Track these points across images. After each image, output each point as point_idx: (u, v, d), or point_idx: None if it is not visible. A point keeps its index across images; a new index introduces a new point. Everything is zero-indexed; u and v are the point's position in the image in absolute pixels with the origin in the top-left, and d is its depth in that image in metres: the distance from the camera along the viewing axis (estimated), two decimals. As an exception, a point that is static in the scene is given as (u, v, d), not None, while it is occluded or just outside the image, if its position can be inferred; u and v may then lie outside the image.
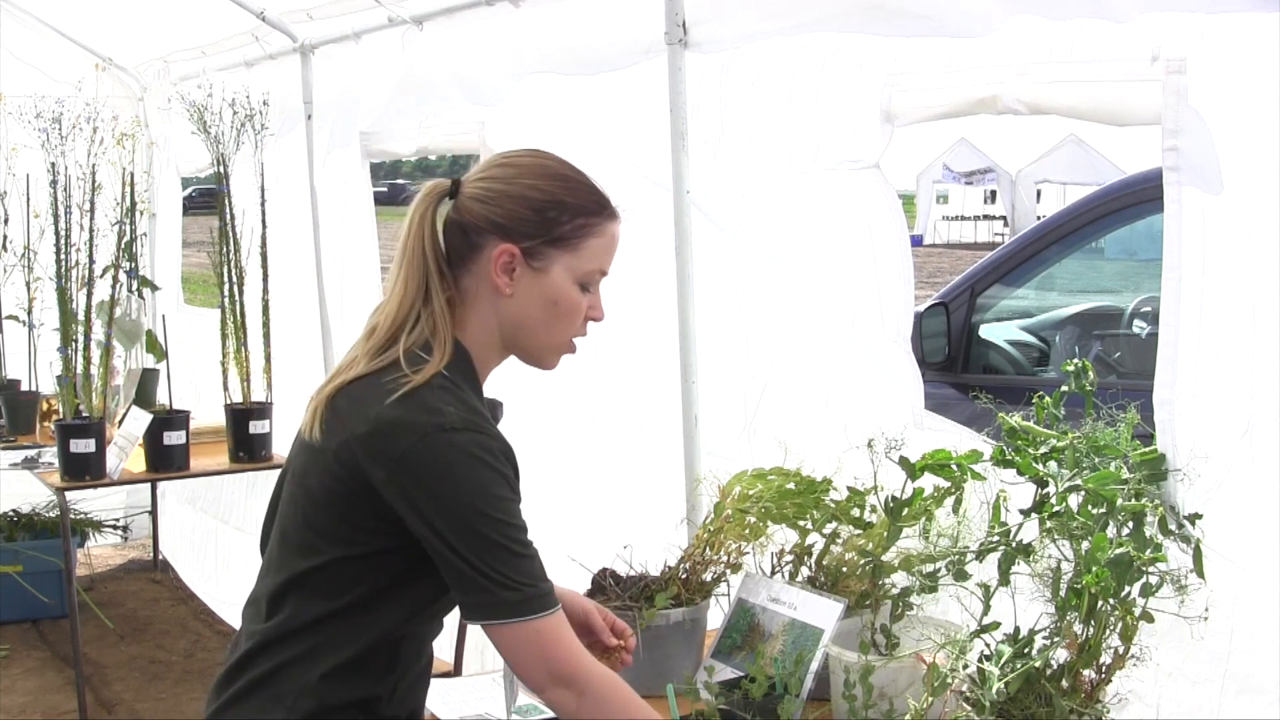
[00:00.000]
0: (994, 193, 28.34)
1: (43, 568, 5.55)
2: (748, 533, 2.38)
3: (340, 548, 1.71)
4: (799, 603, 2.24)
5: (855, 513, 2.33)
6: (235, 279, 4.31)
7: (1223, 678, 2.00)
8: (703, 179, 2.92)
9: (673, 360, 3.00)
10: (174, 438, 4.21)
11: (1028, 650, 1.88)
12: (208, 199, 5.06)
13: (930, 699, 1.89)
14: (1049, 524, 1.96)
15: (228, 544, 5.66)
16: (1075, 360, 2.17)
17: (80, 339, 4.33)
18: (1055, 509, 1.97)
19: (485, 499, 1.65)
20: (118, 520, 6.49)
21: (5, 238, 5.25)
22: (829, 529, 2.36)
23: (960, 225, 29.86)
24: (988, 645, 1.94)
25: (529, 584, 1.66)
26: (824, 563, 2.36)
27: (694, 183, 2.92)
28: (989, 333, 4.64)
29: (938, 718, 1.92)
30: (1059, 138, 21.99)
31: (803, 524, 2.37)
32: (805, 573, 2.38)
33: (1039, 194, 26.05)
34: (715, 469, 2.63)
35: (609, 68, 3.16)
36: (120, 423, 4.33)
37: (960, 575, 2.04)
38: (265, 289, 4.39)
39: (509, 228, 1.76)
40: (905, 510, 2.17)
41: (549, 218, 1.77)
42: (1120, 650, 1.88)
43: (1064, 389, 2.16)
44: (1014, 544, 2.01)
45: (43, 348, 5.04)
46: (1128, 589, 1.85)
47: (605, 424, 3.40)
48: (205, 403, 4.92)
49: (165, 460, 4.22)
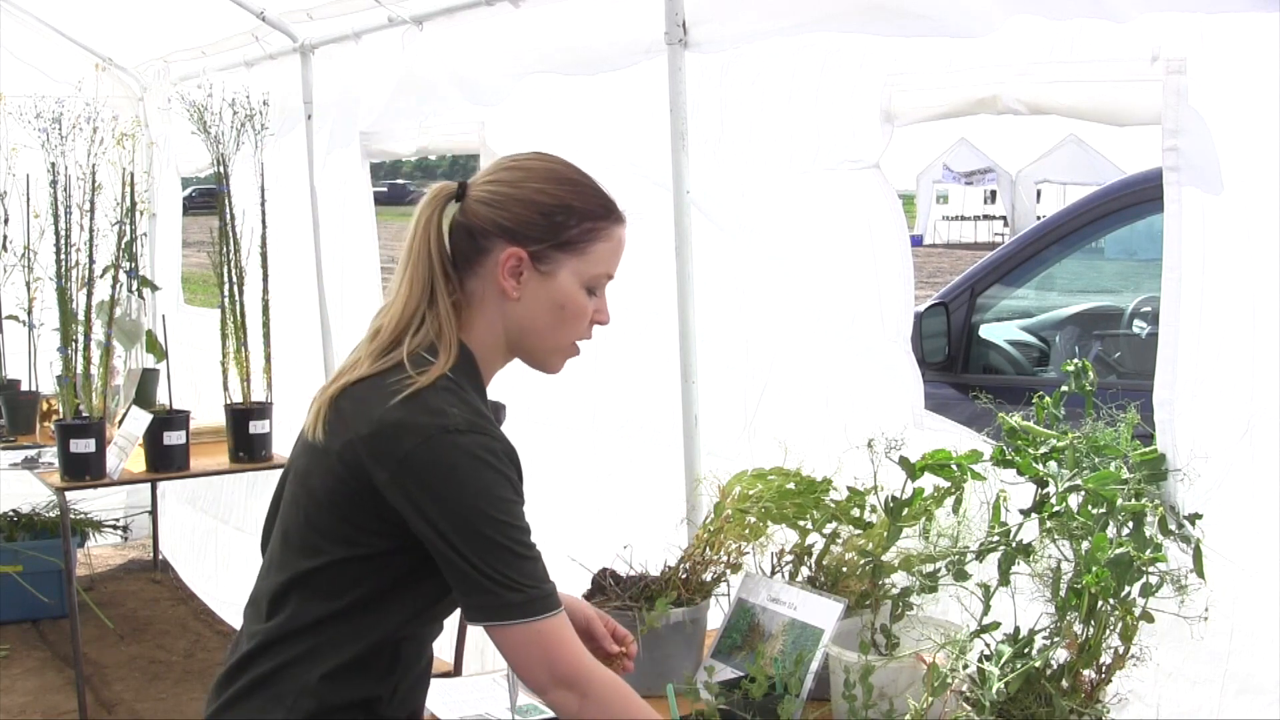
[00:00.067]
0: (994, 193, 28.35)
1: (43, 568, 5.55)
2: (748, 533, 2.38)
3: (342, 548, 1.71)
4: (799, 603, 2.24)
5: (855, 513, 2.32)
6: (235, 279, 4.31)
7: (1223, 678, 2.00)
8: (703, 179, 2.92)
9: (673, 360, 3.00)
10: (174, 438, 4.20)
11: (1028, 650, 1.88)
12: (208, 199, 5.06)
13: (930, 699, 1.89)
14: (1049, 524, 1.96)
15: (228, 544, 5.66)
16: (1075, 360, 2.17)
17: (80, 339, 4.32)
18: (1055, 509, 1.97)
19: (489, 500, 1.65)
20: (118, 520, 6.48)
21: (5, 238, 5.25)
22: (829, 529, 2.36)
23: (960, 225, 29.86)
24: (988, 645, 1.94)
25: (532, 585, 1.66)
26: (824, 563, 2.36)
27: (694, 183, 2.92)
28: (989, 333, 4.64)
29: (938, 718, 1.92)
30: (1059, 138, 22.03)
31: (803, 524, 2.37)
32: (805, 573, 2.38)
33: (1039, 194, 26.07)
34: (715, 469, 2.62)
35: (609, 68, 3.16)
36: (120, 423, 4.33)
37: (960, 575, 2.04)
38: (265, 289, 4.39)
39: (516, 231, 1.76)
40: (905, 510, 2.17)
41: (556, 222, 1.77)
42: (1120, 650, 1.88)
43: (1064, 389, 2.16)
44: (1014, 544, 2.01)
45: (43, 348, 5.03)
46: (1128, 589, 1.85)
47: (605, 424, 3.40)
48: (205, 403, 4.92)
49: (165, 460, 4.21)
